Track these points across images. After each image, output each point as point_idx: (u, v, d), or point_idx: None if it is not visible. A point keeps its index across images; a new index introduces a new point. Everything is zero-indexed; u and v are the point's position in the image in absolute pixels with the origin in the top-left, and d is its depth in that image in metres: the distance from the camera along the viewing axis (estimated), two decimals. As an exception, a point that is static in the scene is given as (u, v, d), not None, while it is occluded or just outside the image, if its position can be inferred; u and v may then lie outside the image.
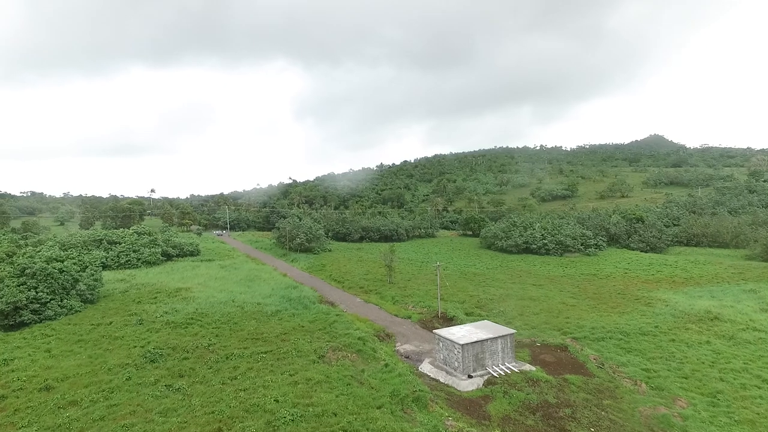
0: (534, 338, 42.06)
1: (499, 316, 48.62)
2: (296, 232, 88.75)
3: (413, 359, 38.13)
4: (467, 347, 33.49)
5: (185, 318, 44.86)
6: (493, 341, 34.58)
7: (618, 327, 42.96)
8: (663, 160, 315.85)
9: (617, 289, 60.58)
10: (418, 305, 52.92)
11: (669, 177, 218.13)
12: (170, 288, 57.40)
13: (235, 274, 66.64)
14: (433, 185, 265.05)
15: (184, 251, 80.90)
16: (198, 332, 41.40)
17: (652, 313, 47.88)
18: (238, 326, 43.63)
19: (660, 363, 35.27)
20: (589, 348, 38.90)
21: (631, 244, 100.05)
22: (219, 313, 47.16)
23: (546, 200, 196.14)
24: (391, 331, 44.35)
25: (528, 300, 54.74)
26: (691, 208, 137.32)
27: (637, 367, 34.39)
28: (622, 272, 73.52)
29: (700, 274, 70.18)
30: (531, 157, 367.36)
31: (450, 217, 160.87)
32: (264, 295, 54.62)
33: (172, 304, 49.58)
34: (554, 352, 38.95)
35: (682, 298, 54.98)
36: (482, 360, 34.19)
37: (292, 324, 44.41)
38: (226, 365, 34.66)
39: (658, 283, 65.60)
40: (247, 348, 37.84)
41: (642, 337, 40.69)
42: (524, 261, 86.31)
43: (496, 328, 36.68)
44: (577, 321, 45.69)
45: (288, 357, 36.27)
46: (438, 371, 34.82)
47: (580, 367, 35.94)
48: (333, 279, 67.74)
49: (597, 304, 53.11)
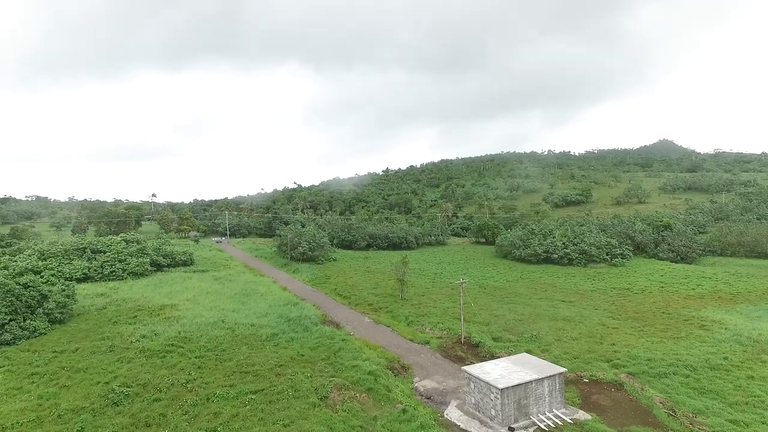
0: (580, 372, 34.96)
1: (533, 342, 41.58)
2: (298, 240, 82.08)
3: (436, 401, 31.21)
4: (508, 392, 26.56)
5: (164, 344, 38.22)
6: (538, 383, 27.62)
7: (679, 358, 35.81)
8: (676, 165, 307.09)
9: (660, 308, 53.33)
10: (436, 327, 45.93)
11: (686, 182, 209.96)
12: (154, 305, 50.80)
13: (229, 288, 60.00)
14: (441, 190, 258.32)
15: (176, 261, 74.32)
16: (177, 363, 34.73)
17: (713, 340, 40.70)
18: (225, 354, 36.97)
19: (749, 411, 28.14)
20: (651, 387, 31.78)
21: (659, 254, 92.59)
22: (205, 337, 40.51)
23: (559, 206, 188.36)
24: (407, 362, 37.44)
25: (562, 321, 47.67)
26: (717, 214, 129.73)
27: (720, 417, 27.29)
28: (658, 286, 66.22)
29: (748, 289, 62.77)
30: (540, 162, 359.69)
31: (460, 224, 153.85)
32: (260, 314, 47.92)
33: (153, 326, 42.97)
34: (608, 392, 31.89)
35: (740, 319, 47.73)
36: (526, 407, 27.22)
37: (289, 352, 37.65)
38: (206, 410, 27.97)
39: (702, 299, 58.28)
40: (234, 386, 31.13)
41: (713, 373, 33.53)
42: (546, 272, 79.12)
43: (540, 364, 29.73)
44: (627, 349, 38.58)
45: (283, 399, 29.53)
46: (470, 420, 27.88)
47: (645, 414, 28.88)
48: (338, 294, 60.88)
49: (642, 326, 45.92)
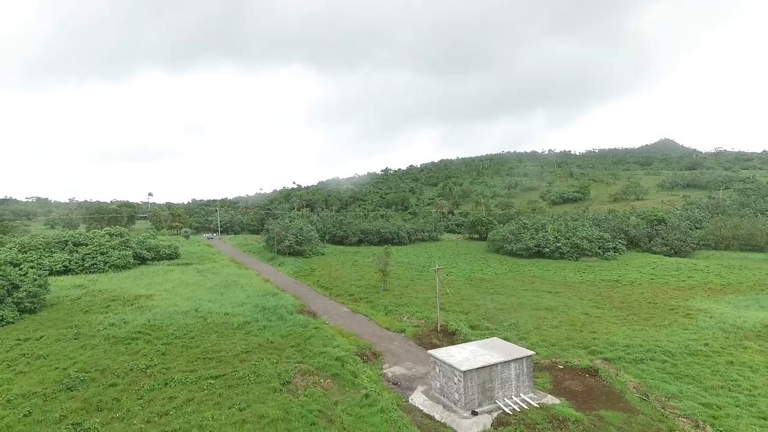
0: (555, 358, 33.98)
1: (511, 329, 40.59)
2: (285, 233, 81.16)
3: (403, 386, 30.24)
4: (471, 375, 25.56)
5: (131, 331, 37.34)
6: (504, 366, 26.62)
7: (659, 344, 34.75)
8: (676, 163, 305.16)
9: (647, 298, 52.25)
10: (414, 316, 44.98)
11: (685, 179, 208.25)
12: (129, 295, 49.98)
13: (210, 280, 59.13)
14: (439, 189, 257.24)
15: (161, 254, 73.49)
16: (141, 349, 33.86)
17: (696, 327, 39.62)
18: (193, 342, 36.07)
19: (723, 395, 27.07)
20: (626, 372, 30.74)
21: (653, 248, 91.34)
22: (175, 325, 39.64)
23: (557, 203, 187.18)
24: (378, 349, 36.48)
25: (544, 310, 46.63)
26: (714, 210, 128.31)
27: (694, 401, 26.22)
28: (648, 278, 65.08)
29: (739, 281, 61.59)
30: (539, 161, 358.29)
31: (456, 221, 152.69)
32: (235, 304, 47.04)
33: (123, 315, 42.12)
34: (582, 378, 30.88)
35: (727, 308, 46.60)
36: (491, 391, 26.23)
37: (259, 339, 36.76)
38: (161, 395, 27.06)
39: (691, 290, 57.17)
40: (195, 371, 30.22)
41: (691, 359, 32.46)
42: (536, 266, 78.02)
43: (508, 348, 28.74)
44: (606, 336, 37.55)
45: (243, 384, 28.62)
46: (433, 404, 26.90)
47: (617, 399, 27.85)
48: (320, 285, 59.96)
49: (626, 315, 44.87)
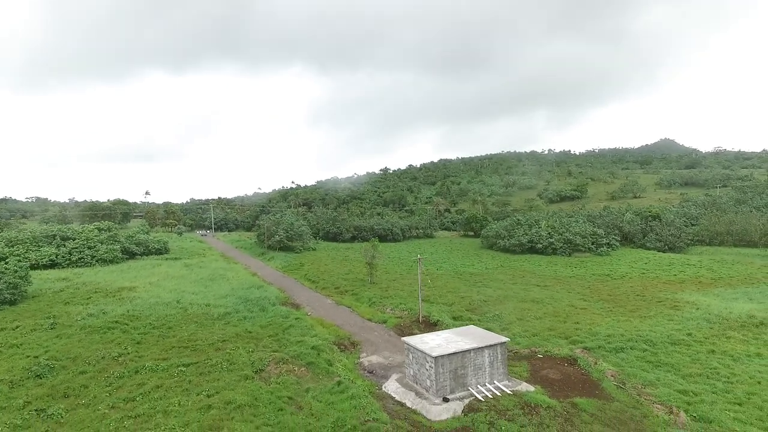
0: (535, 348, 33.57)
1: (494, 320, 40.19)
2: (275, 228, 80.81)
3: (378, 375, 29.84)
4: (442, 361, 25.15)
5: (110, 321, 36.96)
6: (478, 353, 26.20)
7: (641, 334, 34.31)
8: (675, 162, 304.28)
9: (635, 291, 51.81)
10: (397, 308, 44.56)
11: (683, 178, 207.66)
12: (113, 287, 49.62)
13: (196, 273, 58.77)
14: (437, 187, 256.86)
15: (150, 249, 73.15)
16: (116, 339, 33.47)
17: (681, 318, 39.18)
18: (171, 332, 35.66)
19: (701, 382, 26.64)
20: (606, 361, 30.31)
21: (647, 244, 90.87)
22: (154, 315, 39.26)
23: (554, 201, 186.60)
24: (357, 339, 36.09)
25: (530, 302, 46.19)
26: (710, 207, 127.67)
27: (670, 388, 25.78)
28: (639, 272, 64.62)
29: (730, 275, 61.10)
30: (539, 161, 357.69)
31: (452, 218, 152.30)
32: (219, 296, 46.66)
33: (103, 306, 41.74)
34: (560, 366, 30.45)
35: (715, 300, 46.15)
36: (463, 377, 25.81)
37: (238, 329, 36.36)
38: (130, 382, 26.68)
39: (681, 284, 56.68)
40: (168, 359, 29.84)
41: (673, 348, 32.02)
42: (528, 261, 77.59)
43: (483, 335, 28.32)
44: (589, 327, 37.13)
45: (215, 371, 28.23)
46: (406, 392, 26.48)
47: (593, 386, 27.43)
48: (307, 279, 59.59)
49: (612, 307, 44.44)
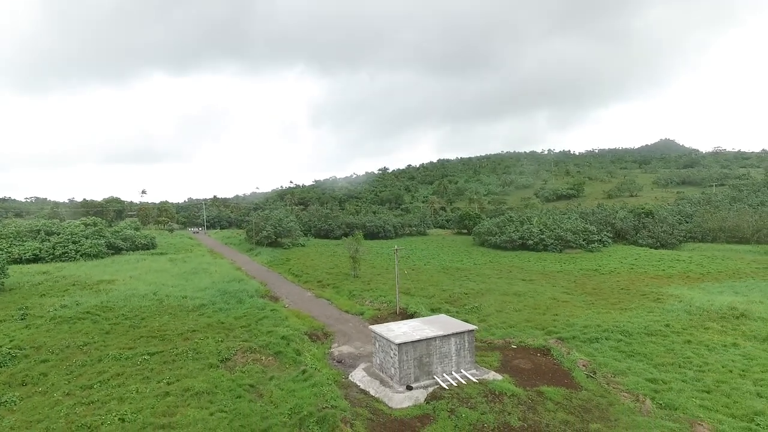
0: (509, 338, 33.08)
1: (473, 312, 39.70)
2: (263, 224, 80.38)
3: (347, 364, 29.36)
4: (406, 348, 24.67)
5: (81, 312, 36.56)
6: (444, 340, 25.71)
7: (617, 325, 33.80)
8: (674, 162, 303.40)
9: (620, 285, 51.29)
10: (377, 300, 44.10)
11: (681, 177, 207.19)
12: (92, 280, 49.23)
13: (179, 267, 58.36)
14: (435, 187, 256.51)
15: (136, 244, 72.81)
16: (85, 329, 33.07)
17: (662, 310, 38.68)
18: (143, 322, 35.26)
19: (672, 371, 26.13)
20: (579, 351, 29.81)
21: (639, 240, 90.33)
22: (128, 307, 38.85)
23: (550, 200, 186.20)
24: (331, 330, 35.63)
25: (512, 295, 45.69)
26: (705, 205, 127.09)
27: (640, 377, 25.29)
28: (628, 268, 64.13)
29: (719, 270, 60.61)
30: (538, 160, 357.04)
31: (447, 216, 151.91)
32: (198, 289, 46.22)
33: (79, 297, 41.34)
34: (533, 357, 29.95)
35: (699, 294, 45.59)
36: (428, 366, 25.32)
37: (210, 320, 35.95)
38: (91, 370, 26.24)
39: (669, 279, 56.19)
40: (134, 348, 29.43)
41: (648, 338, 31.51)
42: (518, 257, 77.08)
43: (452, 323, 27.82)
44: (567, 318, 36.63)
45: (180, 360, 27.80)
46: (371, 380, 26.01)
47: (563, 375, 26.93)
48: (291, 273, 59.12)
49: (594, 300, 43.94)
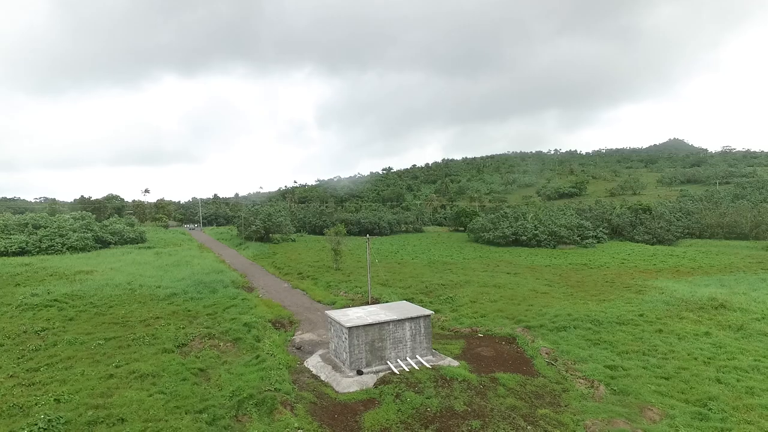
0: (476, 327, 32.38)
1: (446, 302, 39.06)
2: (252, 219, 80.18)
3: (305, 351, 28.84)
4: (357, 332, 24.10)
5: (49, 300, 36.35)
6: (398, 325, 25.10)
7: (589, 315, 32.93)
8: (681, 161, 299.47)
9: (606, 278, 50.29)
10: (351, 291, 43.57)
11: (686, 175, 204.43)
12: (72, 271, 49.17)
13: (163, 260, 58.22)
14: (437, 186, 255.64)
15: (125, 238, 72.96)
16: (49, 315, 32.86)
17: (641, 301, 37.73)
18: (110, 310, 35.01)
19: (635, 358, 25.30)
20: (544, 339, 29.04)
21: (635, 236, 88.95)
22: (98, 295, 38.63)
23: (552, 198, 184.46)
24: (298, 318, 35.15)
25: (491, 287, 44.90)
26: (708, 202, 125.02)
27: (599, 364, 24.49)
28: (619, 262, 62.99)
29: (711, 264, 59.31)
30: (543, 160, 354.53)
31: (445, 214, 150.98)
32: (175, 279, 45.93)
33: (52, 287, 41.21)
34: (497, 345, 29.23)
35: (684, 286, 44.51)
36: (381, 351, 24.73)
37: (178, 308, 35.65)
38: (44, 354, 25.96)
39: (658, 272, 55.01)
40: (92, 334, 29.14)
41: (618, 327, 30.64)
42: (509, 253, 76.10)
43: (411, 309, 27.19)
44: (541, 309, 35.77)
45: (135, 345, 27.47)
46: (324, 365, 25.47)
47: (524, 363, 26.20)
48: (274, 266, 58.74)
49: (575, 292, 43.04)
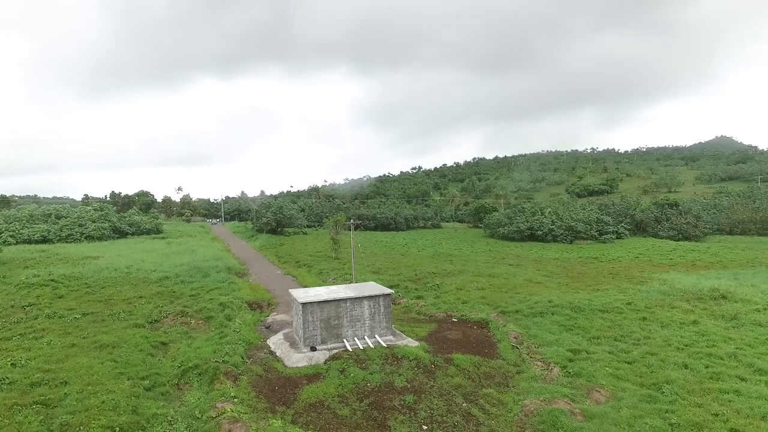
0: (452, 312, 31.62)
1: (432, 289, 38.38)
2: (264, 211, 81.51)
3: (273, 329, 28.89)
4: (312, 308, 23.94)
5: (46, 280, 38.02)
6: (355, 303, 24.78)
7: (572, 302, 31.54)
8: (726, 159, 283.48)
9: (611, 271, 48.13)
10: (341, 278, 43.50)
11: (728, 173, 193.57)
12: (79, 256, 51.34)
13: (171, 248, 59.95)
14: (464, 184, 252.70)
15: (141, 229, 75.78)
16: (41, 293, 34.36)
17: (636, 291, 35.83)
18: (102, 291, 36.19)
19: (605, 344, 24.02)
20: (516, 324, 28.01)
21: (659, 232, 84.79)
22: (95, 277, 40.07)
23: (581, 196, 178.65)
24: (278, 301, 35.32)
25: (485, 276, 43.75)
26: (746, 199, 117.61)
27: (564, 348, 23.37)
28: (633, 257, 60.16)
29: (731, 259, 55.86)
30: (576, 158, 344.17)
31: (468, 211, 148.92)
32: (174, 265, 47.05)
33: (55, 269, 43.14)
34: (468, 329, 28.42)
35: (692, 278, 41.97)
36: (338, 328, 24.46)
37: (165, 289, 36.52)
38: (22, 326, 27.15)
39: (673, 266, 52.16)
40: (73, 309, 30.27)
41: (600, 314, 29.19)
42: (522, 247, 74.03)
43: (375, 288, 26.80)
44: (526, 296, 34.51)
45: (108, 320, 28.36)
46: (283, 342, 25.45)
47: (488, 346, 25.35)
48: (276, 255, 59.34)
49: (570, 282, 41.39)
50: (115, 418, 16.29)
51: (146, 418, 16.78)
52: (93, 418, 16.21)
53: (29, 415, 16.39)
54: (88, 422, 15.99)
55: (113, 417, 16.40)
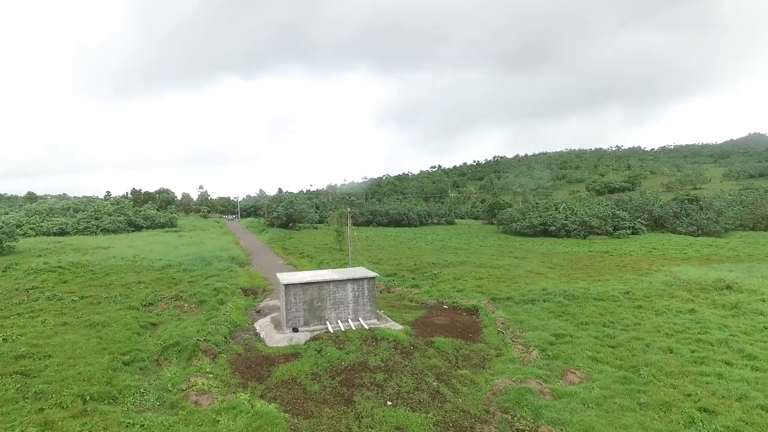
0: (443, 299, 31.34)
1: (429, 279, 38.13)
2: (275, 206, 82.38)
3: (263, 313, 29.15)
4: (294, 290, 24.06)
5: (54, 266, 39.33)
6: (339, 285, 24.80)
7: (566, 291, 30.86)
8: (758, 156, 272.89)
9: (618, 264, 46.88)
10: (339, 267, 43.54)
11: (756, 169, 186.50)
12: (91, 246, 52.88)
13: (182, 240, 61.23)
14: (483, 182, 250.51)
15: (156, 223, 77.63)
16: (47, 278, 35.54)
17: (637, 281, 34.81)
18: (106, 277, 37.28)
19: (591, 329, 23.41)
20: (506, 311, 27.58)
21: (678, 228, 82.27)
22: (101, 265, 41.27)
23: (601, 193, 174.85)
24: (274, 288, 35.65)
25: (487, 267, 43.21)
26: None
27: (548, 332, 22.90)
28: (646, 251, 58.52)
29: (749, 253, 53.72)
30: (599, 156, 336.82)
31: (484, 207, 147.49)
32: (180, 255, 48.12)
33: (66, 257, 44.56)
34: (457, 315, 28.14)
35: (701, 270, 40.53)
36: (321, 310, 24.53)
37: (165, 276, 37.32)
38: (21, 307, 28.11)
39: (685, 260, 50.42)
40: (73, 293, 31.19)
41: (594, 302, 28.48)
42: (533, 242, 72.86)
43: (357, 272, 26.77)
44: (523, 286, 33.93)
45: (104, 303, 29.11)
46: (269, 325, 25.67)
47: (473, 331, 25.04)
48: (282, 248, 59.88)
49: (572, 272, 40.53)
50: (88, 388, 16.70)
51: (119, 389, 17.14)
52: (66, 387, 16.67)
53: (7, 383, 16.96)
54: (60, 390, 16.45)
55: (86, 387, 16.81)
